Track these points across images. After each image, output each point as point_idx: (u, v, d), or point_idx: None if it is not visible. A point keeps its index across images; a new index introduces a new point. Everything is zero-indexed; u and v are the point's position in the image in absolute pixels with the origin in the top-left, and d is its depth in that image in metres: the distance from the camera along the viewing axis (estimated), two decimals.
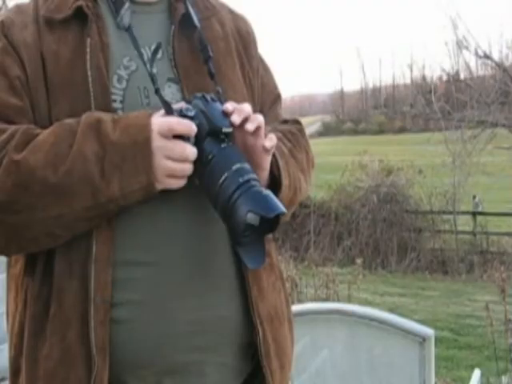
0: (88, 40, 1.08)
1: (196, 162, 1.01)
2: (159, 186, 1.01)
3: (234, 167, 0.98)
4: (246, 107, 1.04)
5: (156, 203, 1.04)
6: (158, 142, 1.00)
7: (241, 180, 0.97)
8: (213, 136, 1.01)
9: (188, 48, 1.14)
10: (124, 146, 0.99)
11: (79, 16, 1.10)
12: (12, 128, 1.03)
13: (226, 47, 1.20)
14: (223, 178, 0.97)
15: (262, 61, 1.30)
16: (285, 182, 1.13)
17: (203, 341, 1.07)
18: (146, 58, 1.09)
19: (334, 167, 13.63)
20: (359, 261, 6.43)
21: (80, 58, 1.08)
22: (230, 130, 1.02)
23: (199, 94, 1.05)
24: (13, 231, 1.03)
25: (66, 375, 1.01)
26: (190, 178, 1.03)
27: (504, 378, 3.87)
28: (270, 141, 1.05)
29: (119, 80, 1.09)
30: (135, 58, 1.10)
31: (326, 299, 5.16)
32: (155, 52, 1.07)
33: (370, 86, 54.58)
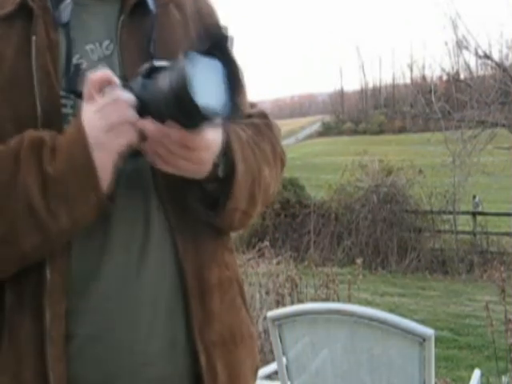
0: (33, 38, 0.97)
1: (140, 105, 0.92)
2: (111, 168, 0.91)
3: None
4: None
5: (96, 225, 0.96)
6: (86, 115, 0.90)
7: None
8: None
9: (137, 42, 1.03)
10: (65, 174, 0.90)
11: (24, 11, 0.99)
12: None
13: (184, 33, 1.08)
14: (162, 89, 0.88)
15: None
16: (240, 166, 1.01)
17: (154, 373, 0.99)
18: (96, 54, 1.00)
19: (334, 167, 13.64)
20: (359, 261, 6.40)
21: (25, 58, 0.97)
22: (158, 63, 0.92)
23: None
24: None
25: None
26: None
27: (504, 378, 3.87)
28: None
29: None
30: (86, 56, 1.00)
31: (326, 299, 5.15)
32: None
33: (370, 85, 54.61)
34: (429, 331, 2.16)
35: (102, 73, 0.92)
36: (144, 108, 0.91)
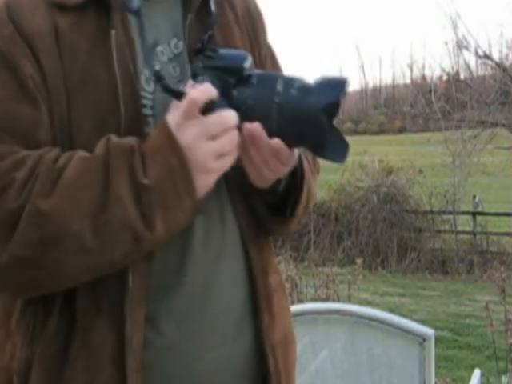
0: (113, 32, 0.91)
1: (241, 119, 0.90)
2: (211, 182, 0.89)
3: (278, 87, 0.87)
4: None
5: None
6: (189, 135, 0.86)
7: (293, 92, 0.87)
8: (237, 82, 0.90)
9: (200, 40, 0.99)
10: (159, 182, 0.85)
11: (99, 2, 0.92)
12: (31, 160, 0.85)
13: (239, 34, 1.07)
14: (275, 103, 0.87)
15: (270, 49, 1.16)
16: (307, 183, 1.04)
17: (222, 378, 0.99)
18: (166, 55, 0.96)
19: (334, 167, 13.62)
20: (359, 261, 6.41)
21: (102, 53, 0.90)
22: (247, 63, 0.92)
23: (197, 62, 0.94)
24: (32, 283, 0.88)
25: None
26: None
27: (504, 378, 3.87)
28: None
29: (146, 81, 0.93)
30: (157, 57, 0.95)
31: (326, 299, 5.15)
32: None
33: (370, 85, 54.63)
34: (429, 331, 2.17)
35: (203, 90, 0.87)
36: (244, 118, 0.89)
